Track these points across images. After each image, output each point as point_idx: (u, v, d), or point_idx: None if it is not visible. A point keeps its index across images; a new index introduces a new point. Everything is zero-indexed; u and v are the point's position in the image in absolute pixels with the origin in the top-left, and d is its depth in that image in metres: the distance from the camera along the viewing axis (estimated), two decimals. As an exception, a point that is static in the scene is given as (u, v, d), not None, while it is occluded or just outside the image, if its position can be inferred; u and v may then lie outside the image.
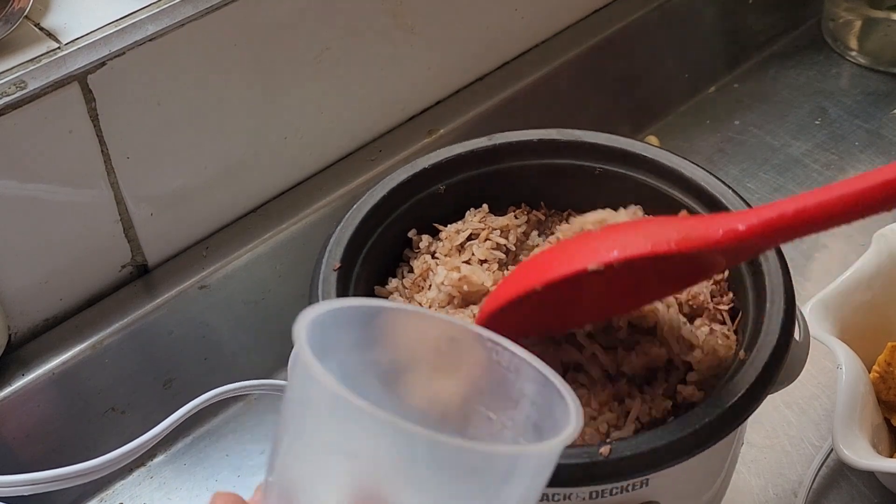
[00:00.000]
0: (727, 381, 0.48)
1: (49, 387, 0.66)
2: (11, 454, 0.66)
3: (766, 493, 0.67)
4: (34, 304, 0.66)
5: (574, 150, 0.58)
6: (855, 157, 0.91)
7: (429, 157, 0.58)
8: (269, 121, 0.72)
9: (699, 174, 0.56)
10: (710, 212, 0.56)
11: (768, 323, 0.50)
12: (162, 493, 0.70)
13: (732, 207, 0.55)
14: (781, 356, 0.49)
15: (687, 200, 0.56)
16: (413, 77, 0.79)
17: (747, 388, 0.47)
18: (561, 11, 0.88)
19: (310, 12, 0.70)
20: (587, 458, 0.44)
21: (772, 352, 0.48)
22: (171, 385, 0.72)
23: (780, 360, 0.48)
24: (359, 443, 0.33)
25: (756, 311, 0.51)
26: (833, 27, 1.01)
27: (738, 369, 0.48)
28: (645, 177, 0.57)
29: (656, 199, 0.57)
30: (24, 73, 0.59)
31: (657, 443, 0.45)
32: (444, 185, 0.57)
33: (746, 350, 0.49)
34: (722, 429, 0.46)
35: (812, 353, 0.54)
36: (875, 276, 0.69)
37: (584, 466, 0.44)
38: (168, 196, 0.69)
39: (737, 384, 0.47)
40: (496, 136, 0.59)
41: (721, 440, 0.46)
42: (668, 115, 0.95)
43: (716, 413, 0.46)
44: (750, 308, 0.52)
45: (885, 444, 0.65)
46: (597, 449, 0.44)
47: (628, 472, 0.45)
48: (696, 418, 0.45)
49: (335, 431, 0.34)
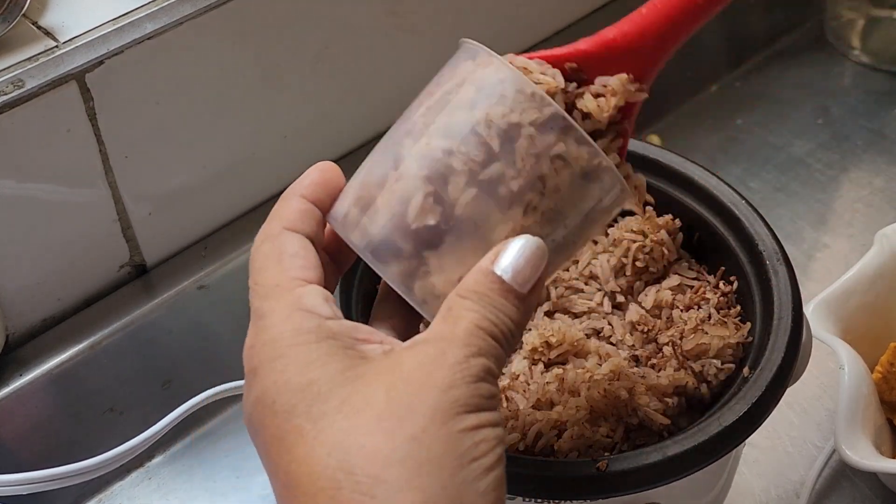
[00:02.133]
0: (730, 398, 0.48)
1: (47, 387, 0.66)
2: (10, 455, 0.65)
3: (768, 494, 0.67)
4: (32, 305, 0.66)
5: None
6: (857, 156, 0.91)
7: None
8: (268, 119, 0.72)
9: (699, 173, 0.56)
10: (711, 211, 0.55)
11: (774, 340, 0.49)
12: (160, 494, 0.69)
13: (734, 208, 0.54)
14: (786, 376, 0.48)
15: (687, 200, 0.56)
16: (413, 75, 0.79)
17: (748, 408, 0.46)
18: (561, 9, 0.88)
19: (309, 11, 0.69)
20: (584, 472, 0.45)
21: (775, 372, 0.48)
22: (170, 385, 0.72)
23: (783, 380, 0.48)
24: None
25: (763, 326, 0.51)
26: (835, 26, 1.00)
27: (742, 387, 0.48)
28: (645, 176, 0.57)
29: (656, 198, 0.56)
30: (22, 71, 0.59)
31: (656, 458, 0.45)
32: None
33: (751, 368, 0.49)
34: (723, 446, 0.46)
35: (814, 354, 0.54)
36: (877, 276, 0.69)
37: (585, 479, 0.45)
38: (167, 195, 0.69)
39: (739, 403, 0.47)
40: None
41: (721, 457, 0.46)
42: (670, 115, 0.95)
43: (716, 430, 0.46)
44: (757, 322, 0.52)
45: (887, 444, 0.65)
46: (593, 463, 0.45)
47: (630, 486, 0.45)
48: (698, 434, 0.45)
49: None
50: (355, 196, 0.41)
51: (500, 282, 0.38)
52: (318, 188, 0.42)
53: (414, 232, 0.39)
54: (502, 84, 0.39)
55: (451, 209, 0.39)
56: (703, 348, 0.51)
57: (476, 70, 0.40)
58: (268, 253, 0.40)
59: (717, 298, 0.54)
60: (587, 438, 0.48)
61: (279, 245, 0.40)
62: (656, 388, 0.49)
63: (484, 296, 0.38)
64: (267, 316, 0.38)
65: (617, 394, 0.48)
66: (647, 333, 0.53)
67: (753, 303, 0.52)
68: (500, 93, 0.39)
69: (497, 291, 0.38)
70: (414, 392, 0.36)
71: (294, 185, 0.42)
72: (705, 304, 0.53)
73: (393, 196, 0.39)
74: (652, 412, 0.48)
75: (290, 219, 0.41)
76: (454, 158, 0.39)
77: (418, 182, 0.39)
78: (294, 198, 0.41)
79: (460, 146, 0.39)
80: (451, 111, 0.40)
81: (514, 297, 0.38)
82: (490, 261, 0.39)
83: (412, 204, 0.39)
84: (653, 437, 0.48)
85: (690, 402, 0.50)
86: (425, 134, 0.40)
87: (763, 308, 0.52)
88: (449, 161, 0.39)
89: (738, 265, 0.54)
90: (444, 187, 0.39)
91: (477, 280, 0.38)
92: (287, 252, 0.40)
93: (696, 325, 0.52)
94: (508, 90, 0.39)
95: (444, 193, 0.39)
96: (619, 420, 0.48)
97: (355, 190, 0.41)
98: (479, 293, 0.38)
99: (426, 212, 0.39)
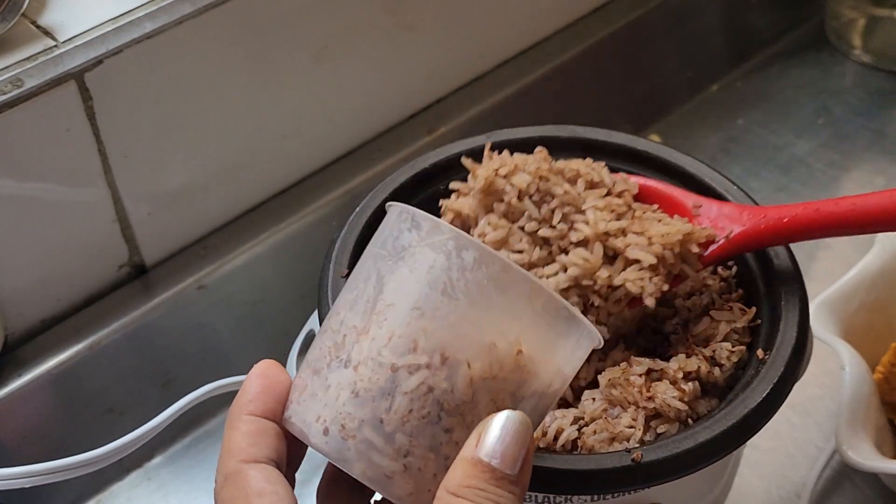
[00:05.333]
0: (750, 379, 0.48)
1: (46, 388, 0.66)
2: (9, 455, 0.65)
3: (769, 495, 0.67)
4: (31, 305, 0.66)
5: (574, 147, 0.58)
6: (859, 156, 0.90)
7: (428, 157, 0.58)
8: (267, 119, 0.72)
9: (703, 170, 0.56)
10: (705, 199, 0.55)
11: (785, 320, 0.50)
12: (160, 494, 0.69)
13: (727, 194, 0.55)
14: (802, 352, 0.49)
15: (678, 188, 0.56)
16: (413, 75, 0.79)
17: (774, 384, 0.47)
18: (562, 10, 0.88)
19: (308, 10, 0.69)
20: (622, 463, 0.44)
21: (793, 348, 0.48)
22: (170, 385, 0.71)
23: (801, 356, 0.49)
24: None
25: (770, 308, 0.51)
26: (837, 25, 1.00)
27: (760, 367, 0.48)
28: (645, 172, 0.57)
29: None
30: (21, 71, 0.59)
31: (689, 444, 0.45)
32: (444, 185, 0.57)
33: (765, 349, 0.49)
34: (749, 429, 0.46)
35: (815, 354, 0.54)
36: (879, 276, 0.69)
37: (623, 471, 0.44)
38: (166, 195, 0.69)
39: (762, 383, 0.47)
40: (496, 133, 0.58)
41: (754, 434, 0.46)
42: (671, 114, 0.95)
43: (748, 408, 0.46)
44: (763, 305, 0.52)
45: (888, 445, 0.65)
46: (628, 455, 0.44)
47: (669, 473, 0.45)
48: (727, 417, 0.46)
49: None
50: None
51: (491, 470, 0.36)
52: (263, 398, 0.39)
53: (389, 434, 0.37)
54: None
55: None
56: (709, 333, 0.51)
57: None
58: (232, 497, 0.38)
59: (718, 284, 0.54)
60: (609, 431, 0.48)
61: (242, 486, 0.37)
62: (666, 372, 0.49)
63: (478, 491, 0.36)
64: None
65: (630, 380, 0.48)
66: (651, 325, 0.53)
67: (756, 286, 0.53)
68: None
69: (490, 481, 0.36)
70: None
71: (236, 401, 0.40)
72: (706, 291, 0.54)
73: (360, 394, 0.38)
74: (670, 398, 0.48)
75: (244, 450, 0.38)
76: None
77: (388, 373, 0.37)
78: (240, 420, 0.39)
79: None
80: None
81: (507, 482, 0.36)
82: (473, 446, 0.36)
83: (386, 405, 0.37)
84: (672, 424, 0.48)
85: (704, 387, 0.51)
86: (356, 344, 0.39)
87: (767, 290, 0.52)
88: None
89: None
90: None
91: (466, 472, 0.36)
92: (253, 492, 0.37)
93: (700, 311, 0.52)
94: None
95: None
96: (637, 409, 0.48)
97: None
98: (472, 488, 0.36)
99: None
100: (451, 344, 0.37)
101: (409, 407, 0.37)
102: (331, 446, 0.38)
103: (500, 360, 0.37)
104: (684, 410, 0.48)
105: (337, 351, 0.38)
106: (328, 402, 0.38)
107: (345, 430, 0.37)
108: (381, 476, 0.37)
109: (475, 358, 0.37)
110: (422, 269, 0.38)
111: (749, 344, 0.51)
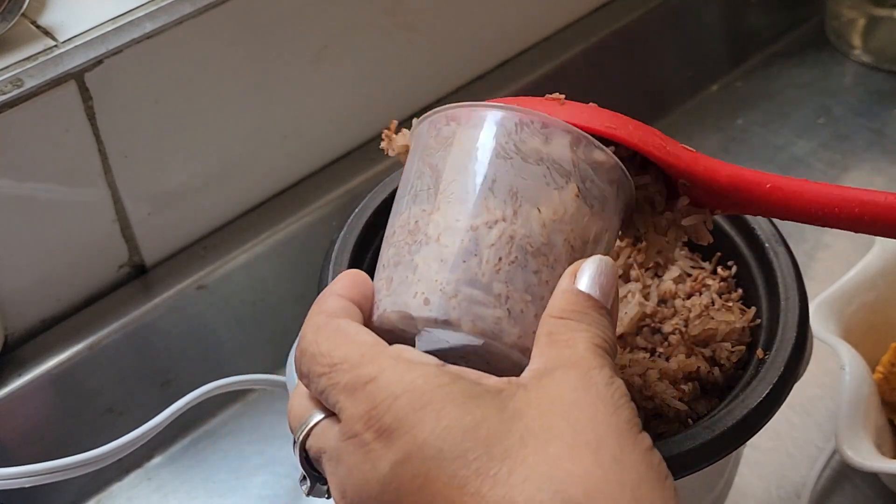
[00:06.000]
0: (750, 379, 0.48)
1: (46, 388, 0.66)
2: (8, 456, 0.65)
3: (769, 495, 0.67)
4: (31, 305, 0.66)
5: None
6: (858, 156, 0.90)
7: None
8: (267, 119, 0.72)
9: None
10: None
11: (784, 319, 0.49)
12: (160, 495, 0.69)
13: None
14: (802, 352, 0.49)
15: None
16: (413, 75, 0.79)
17: (774, 385, 0.47)
18: (562, 9, 0.88)
19: (308, 10, 0.69)
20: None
21: (792, 348, 0.48)
22: (170, 385, 0.71)
23: (801, 356, 0.49)
24: None
25: (770, 307, 0.51)
26: (836, 25, 1.00)
27: (760, 367, 0.48)
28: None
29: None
30: (21, 71, 0.59)
31: (689, 445, 0.45)
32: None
33: (765, 348, 0.49)
34: (749, 429, 0.46)
35: (815, 354, 0.54)
36: (879, 276, 0.69)
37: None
38: (166, 195, 0.69)
39: (761, 383, 0.47)
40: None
41: (754, 434, 0.46)
42: (671, 114, 0.94)
43: (748, 408, 0.46)
44: (763, 304, 0.52)
45: (888, 445, 0.65)
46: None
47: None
48: (727, 418, 0.46)
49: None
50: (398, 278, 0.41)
51: (592, 298, 0.39)
52: (352, 290, 0.41)
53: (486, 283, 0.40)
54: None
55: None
56: (710, 333, 0.51)
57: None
58: (330, 335, 0.38)
59: (718, 284, 0.54)
60: None
61: (336, 326, 0.39)
62: (666, 372, 0.49)
63: (584, 314, 0.38)
64: (378, 377, 0.36)
65: (630, 381, 0.48)
66: (651, 325, 0.53)
67: (756, 286, 0.53)
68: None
69: (593, 308, 0.39)
70: (589, 418, 0.35)
71: (328, 288, 0.41)
72: (706, 291, 0.54)
73: (448, 258, 0.40)
74: (669, 398, 0.48)
75: (335, 309, 0.40)
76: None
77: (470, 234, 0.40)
78: (331, 296, 0.40)
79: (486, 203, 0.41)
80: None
81: (605, 311, 0.39)
82: (570, 281, 0.39)
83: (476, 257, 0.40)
84: (671, 424, 0.48)
85: (704, 387, 0.51)
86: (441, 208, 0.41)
87: (767, 290, 0.52)
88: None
89: (736, 250, 0.54)
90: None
91: (569, 300, 0.39)
92: (352, 328, 0.39)
93: (700, 311, 0.52)
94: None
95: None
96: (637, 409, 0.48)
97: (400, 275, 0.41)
98: (578, 312, 0.38)
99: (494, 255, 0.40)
100: (518, 195, 0.40)
101: (497, 255, 0.40)
102: (435, 311, 0.40)
103: (564, 202, 0.41)
104: (684, 410, 0.48)
105: (413, 237, 0.41)
106: (420, 277, 0.40)
107: (444, 294, 0.39)
108: (490, 325, 0.39)
109: (542, 203, 0.41)
110: (472, 145, 0.41)
111: (749, 344, 0.51)
